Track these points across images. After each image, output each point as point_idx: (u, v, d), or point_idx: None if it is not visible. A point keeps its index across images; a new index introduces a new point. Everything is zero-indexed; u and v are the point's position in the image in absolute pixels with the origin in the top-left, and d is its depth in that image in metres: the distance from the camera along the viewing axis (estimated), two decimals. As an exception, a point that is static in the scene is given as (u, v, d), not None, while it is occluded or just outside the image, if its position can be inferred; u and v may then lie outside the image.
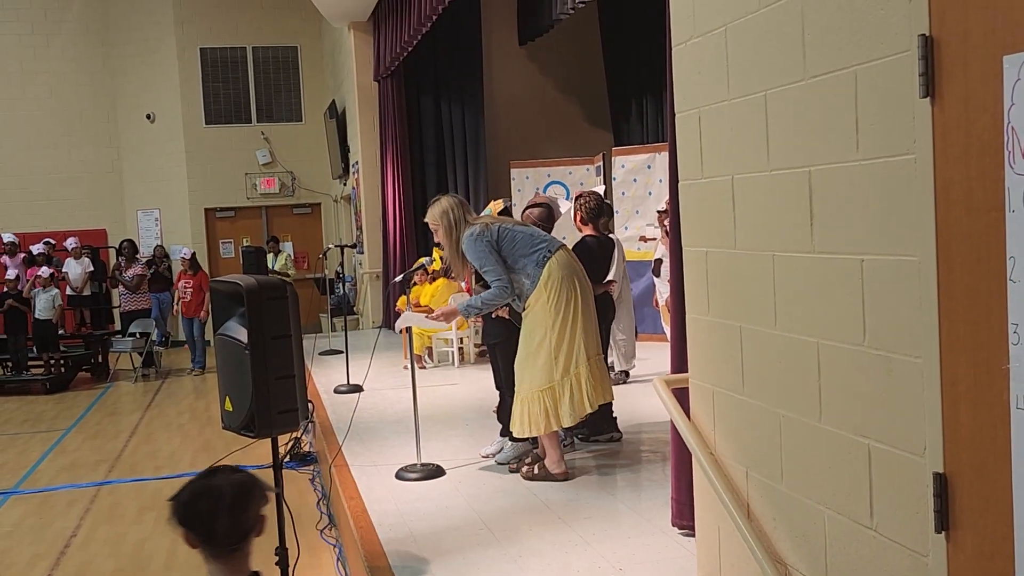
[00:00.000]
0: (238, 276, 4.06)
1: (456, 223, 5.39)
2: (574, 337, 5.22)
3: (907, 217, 2.34)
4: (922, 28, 2.23)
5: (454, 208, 5.43)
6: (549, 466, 5.45)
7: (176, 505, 2.45)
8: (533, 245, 5.29)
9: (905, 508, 2.42)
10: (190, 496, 2.45)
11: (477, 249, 5.26)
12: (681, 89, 3.55)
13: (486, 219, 5.47)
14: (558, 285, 5.19)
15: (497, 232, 5.30)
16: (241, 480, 2.51)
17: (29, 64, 16.69)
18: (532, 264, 5.24)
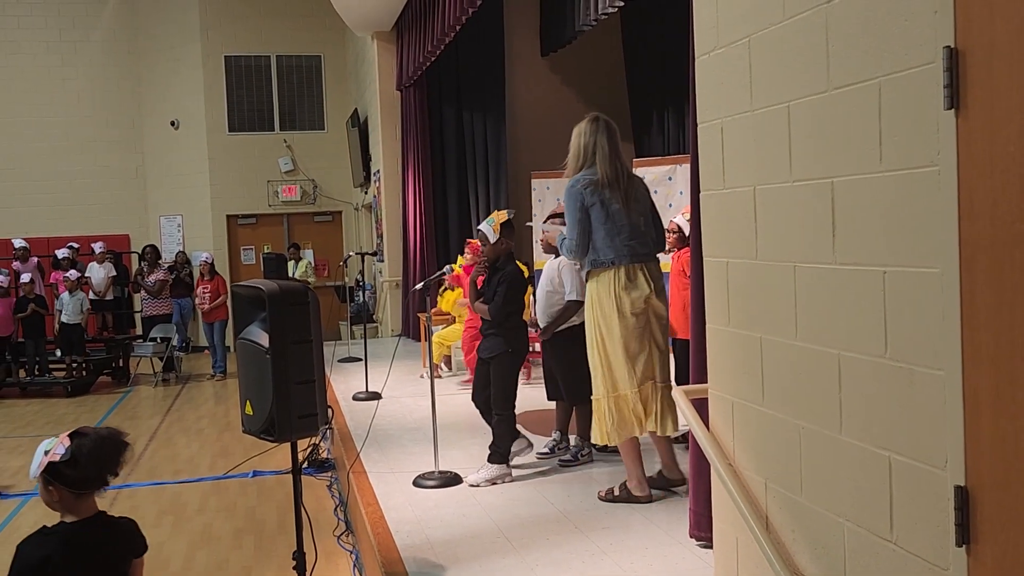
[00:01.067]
0: (260, 281, 4.08)
1: (581, 152, 5.02)
2: (628, 360, 4.92)
3: (930, 229, 2.33)
4: (947, 40, 2.22)
5: (585, 134, 5.06)
6: (631, 488, 5.14)
7: (78, 453, 2.85)
8: (613, 240, 4.90)
9: (926, 521, 2.41)
10: (92, 446, 2.87)
11: (566, 198, 4.96)
12: (704, 100, 3.55)
13: (601, 168, 4.95)
14: (611, 301, 4.89)
15: (586, 194, 4.91)
16: (111, 432, 2.97)
17: (57, 71, 16.88)
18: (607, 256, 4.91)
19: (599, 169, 4.97)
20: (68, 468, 2.84)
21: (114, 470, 2.93)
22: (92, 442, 2.88)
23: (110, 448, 2.91)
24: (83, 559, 2.85)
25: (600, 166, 4.97)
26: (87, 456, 2.85)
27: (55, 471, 2.84)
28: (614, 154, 5.02)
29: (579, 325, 5.92)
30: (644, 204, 5.14)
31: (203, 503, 7.16)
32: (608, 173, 4.96)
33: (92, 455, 2.86)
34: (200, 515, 6.84)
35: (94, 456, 2.86)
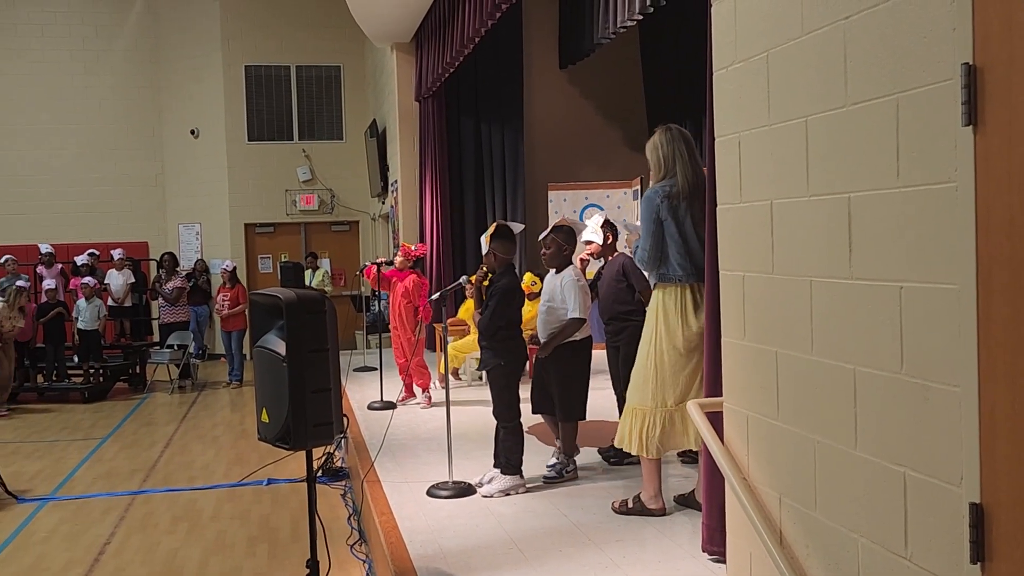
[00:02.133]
0: (278, 289, 4.11)
1: (662, 163, 4.93)
2: (680, 376, 4.87)
3: (947, 245, 2.33)
4: (965, 56, 2.23)
5: (662, 145, 4.94)
6: (646, 500, 5.12)
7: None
8: (684, 256, 4.85)
9: (940, 538, 2.40)
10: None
11: (642, 208, 4.94)
12: (721, 114, 3.56)
13: (682, 177, 4.87)
14: (676, 316, 4.84)
15: (662, 206, 4.84)
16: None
17: (80, 79, 17.04)
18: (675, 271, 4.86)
19: (679, 179, 4.87)
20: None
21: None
22: None
23: None
24: None
25: (680, 176, 4.88)
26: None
27: None
28: (694, 162, 4.94)
29: (579, 341, 5.90)
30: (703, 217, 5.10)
31: (217, 510, 7.19)
32: (690, 181, 4.86)
33: None
34: (214, 522, 6.87)
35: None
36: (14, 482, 7.92)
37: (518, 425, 5.76)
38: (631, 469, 6.11)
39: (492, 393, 5.80)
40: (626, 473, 6.07)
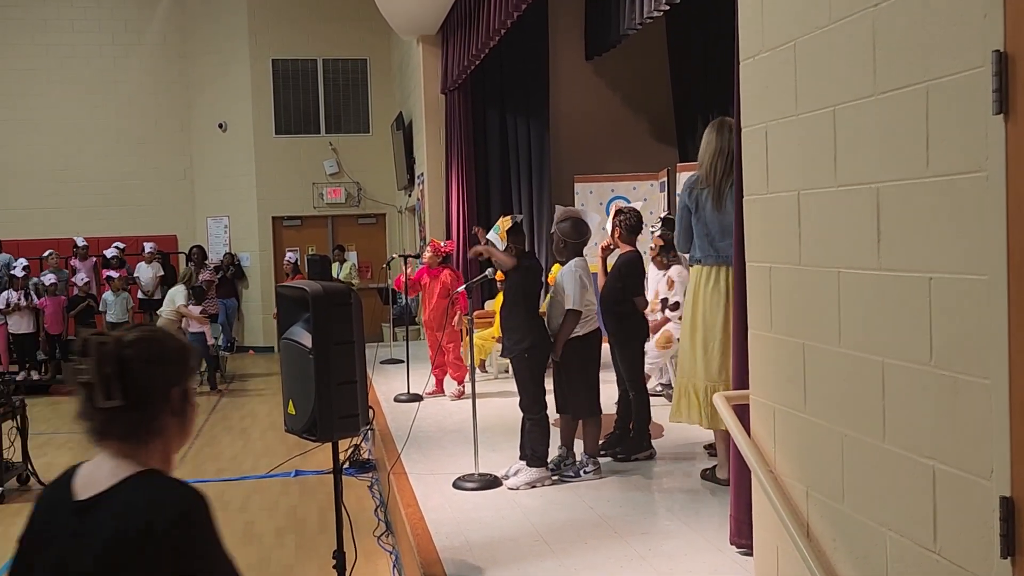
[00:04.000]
0: (305, 282, 4.13)
1: (713, 158, 5.17)
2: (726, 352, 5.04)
3: (977, 235, 2.30)
4: (996, 44, 2.19)
5: (714, 141, 5.22)
6: (720, 475, 5.36)
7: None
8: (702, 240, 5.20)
9: (970, 532, 2.37)
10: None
11: (680, 197, 5.31)
12: (748, 104, 3.53)
13: (703, 169, 5.24)
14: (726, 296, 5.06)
15: (687, 196, 5.26)
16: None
17: (109, 74, 17.18)
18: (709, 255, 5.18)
19: (703, 170, 5.25)
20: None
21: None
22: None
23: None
24: None
25: (706, 167, 5.22)
26: None
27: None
28: (719, 155, 5.17)
29: (583, 336, 5.83)
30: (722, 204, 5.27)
31: (245, 502, 7.24)
32: (708, 175, 5.20)
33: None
34: (242, 513, 6.92)
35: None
36: (46, 472, 8.01)
37: (544, 417, 5.74)
38: (648, 465, 6.09)
39: (518, 385, 5.79)
40: (643, 469, 6.05)
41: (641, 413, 6.26)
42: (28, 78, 16.90)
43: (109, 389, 1.77)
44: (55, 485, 1.88)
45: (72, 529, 1.77)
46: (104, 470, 1.81)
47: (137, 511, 1.73)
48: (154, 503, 1.74)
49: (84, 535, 1.74)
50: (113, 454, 1.82)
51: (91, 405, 1.79)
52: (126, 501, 1.74)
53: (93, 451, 1.91)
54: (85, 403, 1.81)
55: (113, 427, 1.81)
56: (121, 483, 1.77)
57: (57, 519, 1.80)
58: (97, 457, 1.85)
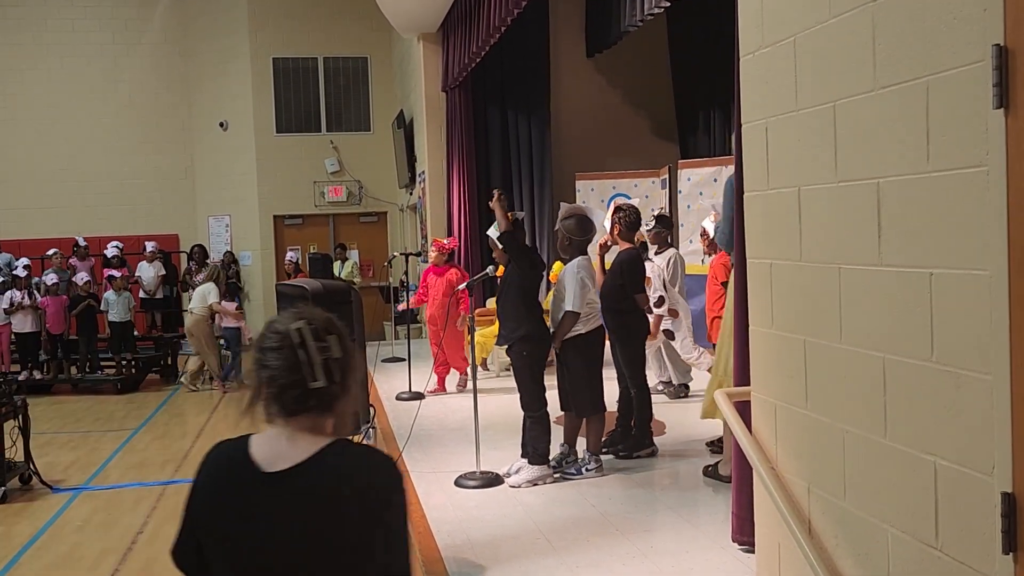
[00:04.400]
0: (305, 280, 4.13)
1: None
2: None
3: (979, 230, 2.29)
4: (996, 38, 2.18)
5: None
6: (723, 471, 5.38)
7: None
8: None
9: (971, 528, 2.36)
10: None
11: (725, 192, 5.18)
12: (748, 100, 3.52)
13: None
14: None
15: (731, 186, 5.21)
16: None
17: (110, 72, 17.18)
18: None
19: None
20: None
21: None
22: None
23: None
24: None
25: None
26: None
27: None
28: None
29: (586, 334, 5.82)
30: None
31: (248, 500, 7.23)
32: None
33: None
34: (245, 512, 6.91)
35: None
36: (48, 472, 8.02)
37: (545, 415, 5.74)
38: (649, 462, 6.09)
39: (517, 382, 5.79)
40: (645, 466, 6.04)
41: (642, 411, 6.26)
42: (28, 77, 16.90)
43: (318, 369, 1.90)
44: (228, 467, 1.97)
45: (275, 498, 1.88)
46: (291, 443, 1.93)
47: (357, 471, 1.91)
48: (371, 465, 1.93)
49: (293, 502, 1.87)
50: (297, 428, 1.94)
51: (293, 387, 1.91)
52: (337, 465, 1.90)
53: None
54: (284, 385, 1.92)
55: (309, 403, 1.92)
56: (323, 451, 1.91)
57: (252, 493, 1.90)
58: (269, 433, 1.96)
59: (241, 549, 1.91)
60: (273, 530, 1.88)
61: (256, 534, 1.90)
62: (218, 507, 1.95)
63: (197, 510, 1.98)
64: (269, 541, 1.89)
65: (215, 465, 2.01)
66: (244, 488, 1.93)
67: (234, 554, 1.93)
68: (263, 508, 1.90)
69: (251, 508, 1.91)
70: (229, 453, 2.00)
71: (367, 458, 1.96)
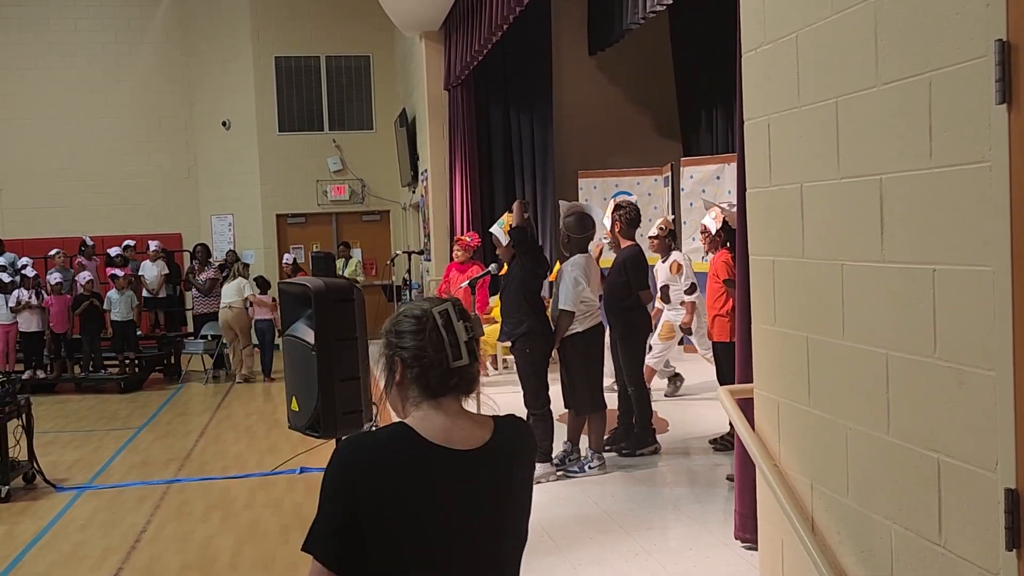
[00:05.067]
0: (307, 279, 4.12)
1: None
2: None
3: (981, 226, 2.28)
4: (999, 33, 2.18)
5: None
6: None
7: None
8: None
9: (975, 524, 2.36)
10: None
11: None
12: (750, 96, 3.52)
13: None
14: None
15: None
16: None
17: (112, 72, 17.19)
18: None
19: None
20: None
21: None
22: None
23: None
24: None
25: None
26: None
27: None
28: None
29: (584, 332, 5.79)
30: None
31: (251, 499, 7.25)
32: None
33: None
34: (248, 510, 6.92)
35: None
36: (52, 471, 8.03)
37: (547, 412, 5.74)
38: (652, 460, 6.08)
39: (521, 380, 5.79)
40: (647, 464, 6.04)
41: (642, 409, 6.25)
42: (30, 77, 16.91)
43: (463, 348, 2.02)
44: (412, 463, 1.96)
45: (486, 470, 1.99)
46: (464, 424, 2.03)
47: (526, 438, 2.14)
48: (528, 432, 2.17)
49: (500, 470, 2.01)
50: (453, 408, 2.03)
51: (452, 360, 2.00)
52: (516, 430, 2.10)
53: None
54: (438, 365, 2.00)
55: (451, 383, 2.02)
56: (498, 427, 2.06)
57: (458, 473, 1.97)
58: (431, 415, 2.01)
59: (444, 528, 1.94)
60: (479, 504, 1.97)
61: (463, 511, 1.95)
62: (410, 489, 1.93)
63: (367, 498, 1.92)
64: (475, 515, 1.96)
65: (381, 450, 1.98)
66: (441, 467, 1.95)
67: (432, 534, 1.93)
68: (477, 481, 1.97)
69: (463, 486, 1.96)
70: (394, 438, 1.99)
71: (524, 426, 2.16)
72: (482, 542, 1.97)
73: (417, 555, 1.92)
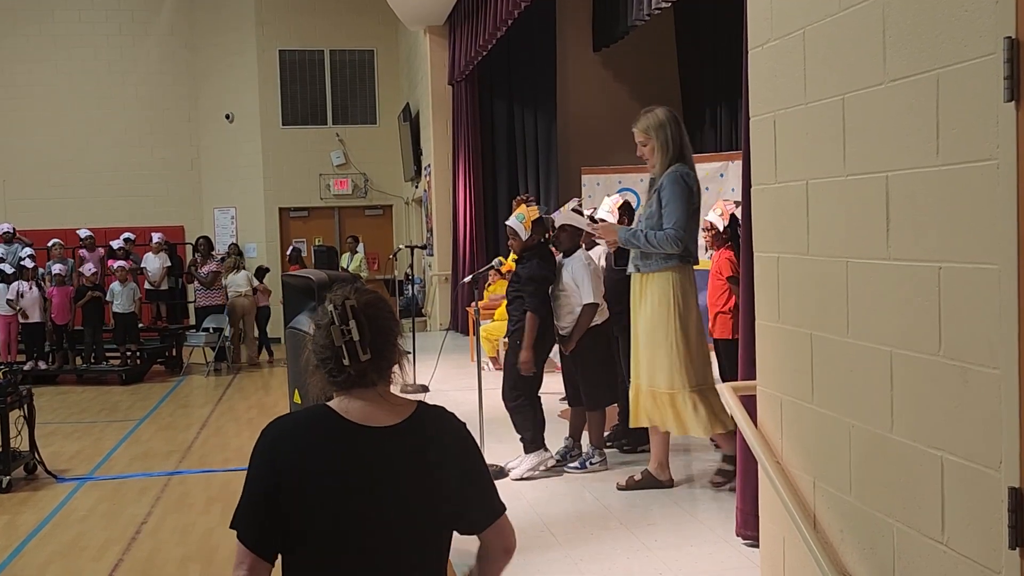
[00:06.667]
0: (311, 271, 4.12)
1: (670, 144, 4.93)
2: (702, 355, 5.08)
3: (988, 224, 2.28)
4: (1008, 30, 2.17)
5: (670, 125, 4.94)
6: (654, 471, 5.28)
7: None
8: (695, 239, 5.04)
9: (978, 523, 2.36)
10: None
11: (677, 189, 4.87)
12: (757, 92, 3.51)
13: (691, 164, 5.01)
14: (692, 297, 5.05)
15: (695, 189, 4.95)
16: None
17: (116, 64, 17.18)
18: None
19: (691, 165, 5.03)
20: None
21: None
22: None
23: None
24: None
25: (691, 162, 5.04)
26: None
27: None
28: (691, 151, 5.11)
29: (597, 327, 5.79)
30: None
31: (252, 491, 7.24)
32: (694, 170, 5.05)
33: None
34: (249, 503, 6.92)
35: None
36: (53, 462, 8.04)
37: (522, 404, 5.71)
38: (639, 457, 6.07)
39: (504, 371, 5.78)
40: (648, 460, 6.02)
41: None
42: (35, 69, 16.91)
43: (365, 346, 2.03)
44: (329, 439, 2.03)
45: (401, 446, 2.06)
46: (382, 405, 2.08)
47: (450, 425, 2.16)
48: (455, 422, 2.19)
49: (415, 447, 2.06)
50: (369, 395, 2.08)
51: (349, 358, 2.03)
52: (436, 416, 2.16)
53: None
54: (338, 360, 2.04)
55: (369, 375, 2.05)
56: (416, 411, 2.12)
57: (373, 447, 2.03)
58: (346, 401, 2.07)
59: (359, 501, 1.98)
60: (394, 479, 2.02)
61: (377, 485, 2.00)
62: (326, 463, 2.00)
63: (286, 473, 1.99)
64: (389, 490, 2.01)
65: (300, 427, 2.07)
66: (357, 441, 2.02)
67: (348, 508, 1.98)
68: (387, 454, 2.02)
69: (370, 459, 2.01)
70: (313, 418, 2.07)
71: (447, 414, 2.20)
72: (396, 517, 2.01)
73: (334, 529, 1.97)
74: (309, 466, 1.99)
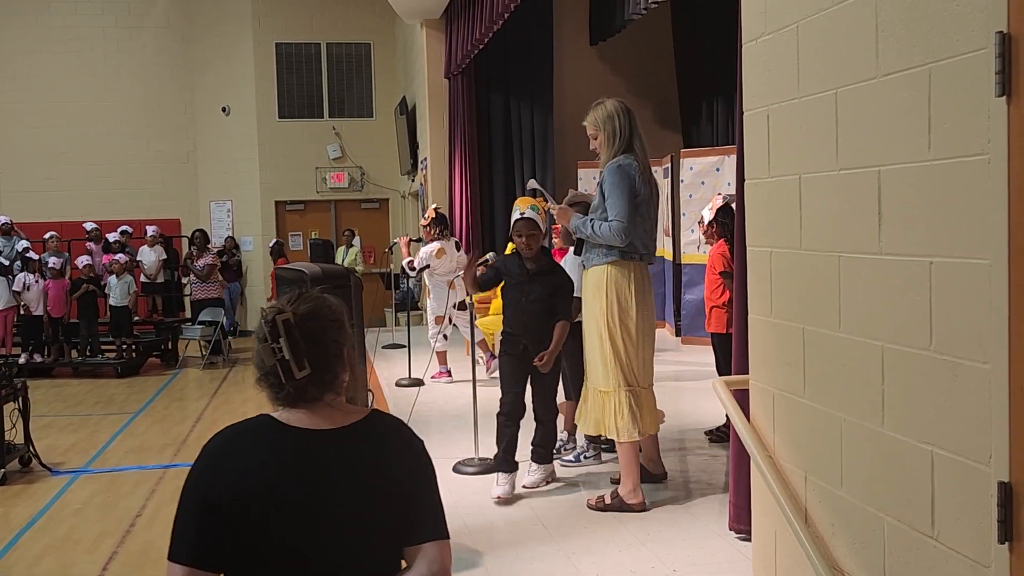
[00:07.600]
0: (303, 264, 4.12)
1: (618, 134, 4.77)
2: (642, 355, 4.80)
3: (979, 219, 2.28)
4: (1000, 25, 2.17)
5: (620, 116, 4.79)
6: (624, 495, 4.85)
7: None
8: (642, 234, 4.77)
9: (968, 517, 2.36)
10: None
11: (617, 178, 4.67)
12: (750, 87, 3.51)
13: (641, 157, 4.79)
14: (631, 295, 4.74)
15: (638, 180, 4.71)
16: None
17: (113, 57, 17.14)
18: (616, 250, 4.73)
19: (639, 158, 4.80)
20: None
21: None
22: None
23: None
24: None
25: (639, 155, 4.80)
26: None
27: None
28: (643, 142, 4.88)
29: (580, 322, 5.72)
30: (657, 203, 5.02)
31: (246, 484, 7.24)
32: (645, 163, 4.84)
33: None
34: (243, 496, 6.92)
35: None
36: (48, 455, 8.03)
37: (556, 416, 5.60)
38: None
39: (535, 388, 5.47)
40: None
41: None
42: (31, 61, 16.87)
43: (301, 361, 1.96)
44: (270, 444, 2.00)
45: (345, 447, 2.00)
46: (329, 413, 2.03)
47: (399, 432, 2.11)
48: (404, 425, 2.15)
49: (361, 449, 2.01)
50: (319, 406, 2.02)
51: (284, 377, 1.97)
52: (391, 423, 2.12)
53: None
54: (276, 376, 1.99)
55: (310, 390, 1.99)
56: (368, 416, 2.06)
57: (315, 448, 1.98)
58: (300, 411, 2.02)
59: (302, 504, 1.94)
60: (339, 481, 1.96)
61: (320, 487, 1.95)
62: (268, 468, 1.96)
63: (227, 480, 1.95)
64: (333, 492, 1.95)
65: (241, 435, 2.03)
66: (299, 445, 1.98)
67: (291, 512, 1.93)
68: (338, 456, 1.98)
69: (312, 461, 1.96)
70: (254, 426, 2.04)
71: (398, 422, 2.16)
72: (341, 520, 1.96)
73: (275, 533, 1.93)
74: (249, 473, 1.94)
